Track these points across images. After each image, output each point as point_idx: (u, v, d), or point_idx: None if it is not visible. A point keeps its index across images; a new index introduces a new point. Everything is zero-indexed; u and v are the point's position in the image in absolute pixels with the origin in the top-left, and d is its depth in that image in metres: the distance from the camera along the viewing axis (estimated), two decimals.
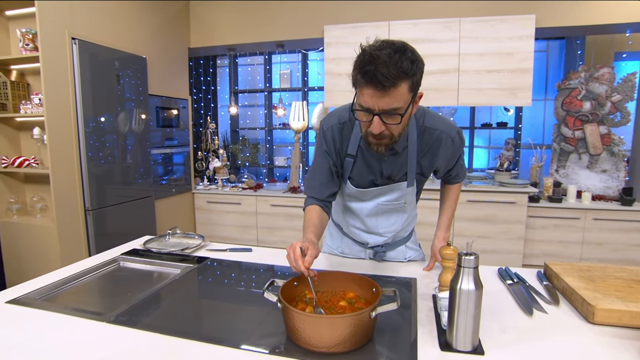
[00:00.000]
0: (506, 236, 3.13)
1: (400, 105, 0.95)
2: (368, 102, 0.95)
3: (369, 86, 0.92)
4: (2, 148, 2.64)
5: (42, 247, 2.57)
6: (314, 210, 1.20)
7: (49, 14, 2.41)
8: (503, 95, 3.11)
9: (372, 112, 0.96)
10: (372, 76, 0.90)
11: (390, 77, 0.89)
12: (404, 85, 0.93)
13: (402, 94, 0.94)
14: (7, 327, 0.93)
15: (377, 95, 0.93)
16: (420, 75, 0.98)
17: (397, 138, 1.05)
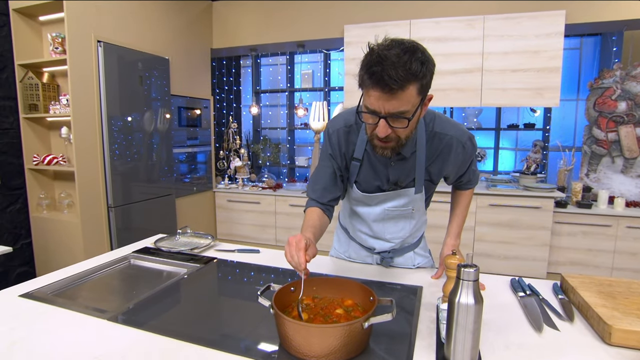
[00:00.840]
0: (530, 242, 2.99)
1: (408, 109, 0.91)
2: (374, 104, 0.91)
3: (375, 88, 0.88)
4: (34, 146, 2.77)
5: (67, 242, 2.68)
6: (314, 212, 1.18)
7: (77, 18, 2.51)
8: (529, 95, 2.97)
9: (378, 115, 0.92)
10: (379, 78, 0.86)
11: (399, 79, 0.85)
12: (412, 88, 0.88)
13: (411, 97, 0.89)
14: (15, 321, 0.97)
15: (383, 98, 0.89)
16: (430, 77, 0.92)
17: (404, 142, 1.01)
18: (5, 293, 1.14)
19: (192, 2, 3.78)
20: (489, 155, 3.84)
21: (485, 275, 1.28)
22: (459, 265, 0.78)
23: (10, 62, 2.66)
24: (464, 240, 3.14)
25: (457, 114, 3.86)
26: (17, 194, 2.76)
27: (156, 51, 3.21)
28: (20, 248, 2.81)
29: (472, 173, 1.29)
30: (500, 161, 3.87)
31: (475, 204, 3.08)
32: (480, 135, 3.89)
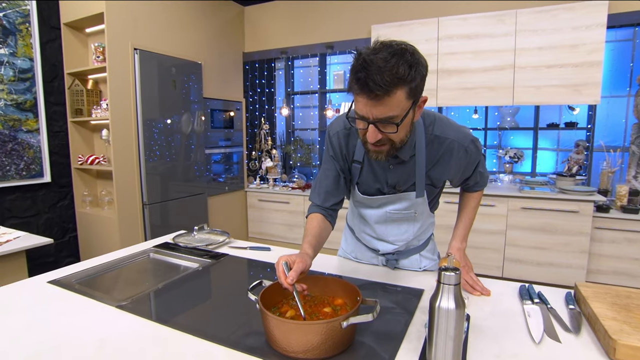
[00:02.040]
0: (566, 249, 2.79)
1: (397, 114, 0.88)
2: (362, 110, 0.90)
3: (362, 94, 0.87)
4: (79, 147, 3.02)
5: (106, 236, 2.89)
6: (315, 219, 1.17)
7: (116, 29, 2.71)
8: (565, 92, 2.78)
9: (367, 121, 0.91)
10: (364, 84, 0.84)
11: (384, 84, 0.83)
12: (400, 93, 0.86)
13: (399, 102, 0.87)
14: (38, 304, 1.07)
15: (370, 104, 0.87)
16: (421, 79, 0.90)
17: (398, 145, 0.99)
18: (36, 279, 1.26)
19: (224, 8, 3.93)
20: (526, 156, 3.64)
21: (492, 281, 1.23)
22: (440, 269, 0.77)
23: (61, 71, 2.92)
24: (493, 244, 3.00)
25: (490, 113, 3.71)
26: (65, 191, 3.02)
27: (189, 56, 3.38)
28: (68, 240, 3.07)
29: (479, 175, 1.25)
30: (539, 162, 3.65)
31: (506, 206, 2.94)
32: (517, 135, 3.70)
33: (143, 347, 0.86)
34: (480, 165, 1.23)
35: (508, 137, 3.73)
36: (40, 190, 2.84)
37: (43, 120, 2.79)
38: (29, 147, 2.75)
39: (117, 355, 0.82)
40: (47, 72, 2.82)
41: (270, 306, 0.92)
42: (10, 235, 1.93)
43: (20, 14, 2.66)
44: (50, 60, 2.85)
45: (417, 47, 0.95)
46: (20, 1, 2.65)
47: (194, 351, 0.84)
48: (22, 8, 2.67)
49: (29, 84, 2.73)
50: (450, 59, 3.14)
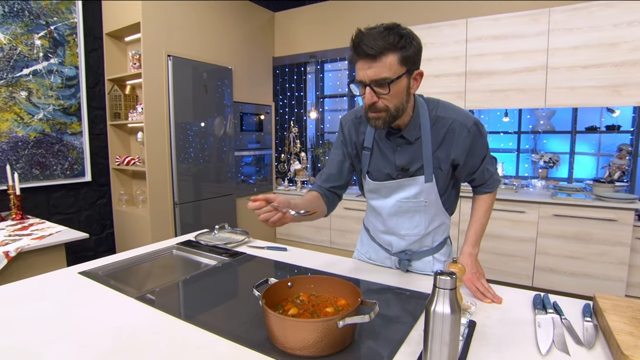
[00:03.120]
0: (603, 259, 2.63)
1: (389, 76, 0.98)
2: (359, 74, 1.01)
3: (359, 59, 1.00)
4: (117, 149, 3.22)
5: (140, 233, 3.06)
6: (311, 193, 1.27)
7: (151, 37, 2.87)
8: (604, 94, 2.62)
9: (363, 84, 1.02)
10: (358, 48, 0.97)
11: (376, 47, 0.95)
12: (392, 57, 0.97)
13: (390, 65, 0.98)
14: (68, 292, 1.16)
15: (365, 67, 0.99)
16: (414, 52, 1.01)
17: (394, 112, 1.06)
18: (69, 270, 1.37)
19: (255, 15, 4.04)
20: (563, 161, 3.46)
21: (504, 288, 1.20)
22: (435, 273, 0.76)
23: (102, 77, 3.13)
24: (523, 252, 2.88)
25: (523, 116, 3.56)
26: (104, 190, 3.22)
27: (220, 62, 3.51)
28: (106, 236, 3.28)
29: (486, 172, 1.25)
30: (577, 167, 3.46)
31: (537, 213, 2.81)
32: (553, 139, 3.53)
33: (154, 336, 0.91)
34: (487, 161, 1.24)
35: (542, 140, 3.57)
36: (81, 188, 3.06)
37: (85, 123, 3.01)
38: (73, 149, 2.97)
39: (131, 342, 0.88)
40: (90, 78, 3.04)
41: (274, 304, 0.95)
42: (53, 229, 2.10)
43: (68, 26, 2.89)
44: (93, 68, 3.07)
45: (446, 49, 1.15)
46: (69, 14, 2.88)
47: (198, 342, 0.89)
48: (70, 21, 2.89)
49: (74, 90, 2.95)
50: (479, 60, 3.06)
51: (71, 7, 2.88)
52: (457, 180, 1.31)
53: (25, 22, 2.65)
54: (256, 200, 1.01)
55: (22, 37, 2.64)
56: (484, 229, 1.28)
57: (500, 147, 3.75)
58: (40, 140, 2.77)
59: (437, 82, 3.24)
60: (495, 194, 1.32)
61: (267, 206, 1.02)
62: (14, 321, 0.98)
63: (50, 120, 2.82)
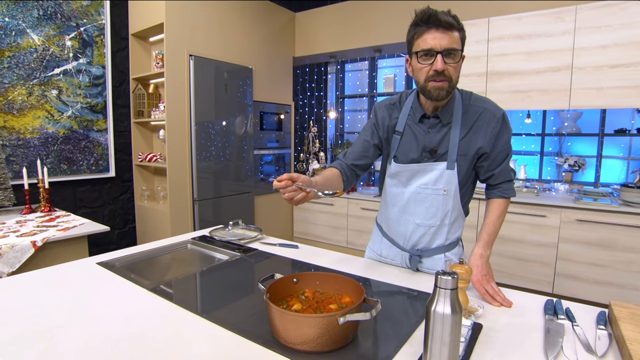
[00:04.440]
0: (629, 267, 2.51)
1: (458, 47, 1.11)
2: (431, 43, 1.09)
3: (431, 30, 1.09)
4: (140, 146, 3.33)
5: (160, 228, 3.15)
6: (330, 169, 1.33)
7: (174, 37, 2.95)
8: (633, 94, 2.50)
9: (435, 52, 1.09)
10: (435, 19, 1.08)
11: (449, 21, 1.08)
12: (456, 33, 1.11)
13: (457, 40, 1.11)
14: (85, 281, 1.22)
15: (439, 37, 1.08)
16: (465, 37, 1.15)
17: (454, 83, 1.15)
18: (88, 260, 1.43)
19: (276, 15, 4.09)
20: (589, 165, 3.33)
21: (516, 292, 1.17)
22: (437, 273, 0.76)
23: (127, 76, 3.25)
24: (543, 257, 2.80)
25: (547, 117, 3.45)
26: (127, 186, 3.34)
27: (241, 61, 3.57)
28: (128, 230, 3.39)
29: (506, 171, 1.27)
30: (604, 171, 3.32)
31: (559, 217, 2.71)
32: (579, 141, 3.41)
33: (161, 326, 0.94)
34: (509, 158, 1.27)
35: (567, 143, 3.44)
36: (106, 183, 3.18)
37: (110, 121, 3.13)
38: (98, 145, 3.09)
39: (139, 330, 0.91)
40: (115, 78, 3.16)
41: (279, 299, 0.97)
42: (77, 222, 2.19)
43: (97, 27, 3.01)
44: (119, 67, 3.18)
45: (466, 49, 1.19)
46: (97, 16, 3.00)
47: (204, 334, 0.91)
48: (99, 22, 3.01)
49: (101, 88, 3.07)
50: (501, 60, 2.98)
51: (100, 9, 3.00)
52: (476, 177, 1.32)
53: (57, 24, 2.78)
54: (281, 180, 1.04)
55: (54, 39, 2.77)
56: (496, 233, 1.27)
57: (522, 149, 3.64)
58: (68, 136, 2.90)
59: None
60: (509, 202, 1.32)
61: (292, 185, 1.05)
62: (34, 305, 1.04)
63: (78, 118, 2.95)
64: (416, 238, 1.31)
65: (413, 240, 1.32)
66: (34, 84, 2.69)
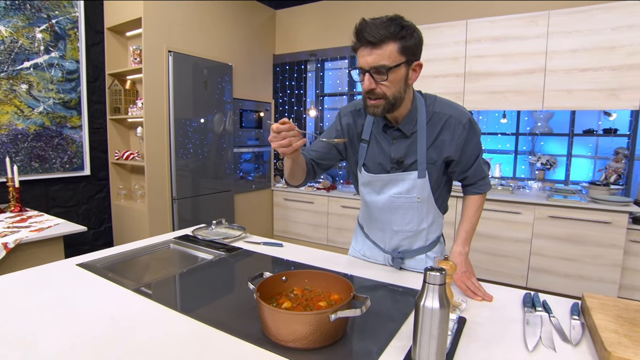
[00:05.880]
0: (597, 261, 2.65)
1: (387, 63, 1.02)
2: (360, 61, 1.06)
3: (360, 47, 1.05)
4: (116, 143, 3.23)
5: (137, 227, 3.07)
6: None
7: (152, 33, 2.88)
8: (601, 97, 2.64)
9: (363, 70, 1.06)
10: (361, 35, 1.03)
11: (377, 35, 1.00)
12: (392, 46, 1.02)
13: (390, 53, 1.02)
14: (65, 282, 1.18)
15: (366, 53, 1.03)
16: (414, 43, 1.05)
17: (391, 100, 1.09)
18: (67, 261, 1.38)
19: (257, 12, 4.05)
20: (560, 164, 3.48)
21: (496, 287, 1.21)
22: (425, 269, 0.78)
23: (103, 72, 3.14)
24: (518, 252, 2.91)
25: (521, 118, 3.58)
26: (103, 184, 3.24)
27: (221, 58, 3.52)
28: (104, 230, 3.29)
29: (478, 171, 1.27)
30: (574, 170, 3.49)
31: (532, 214, 2.83)
32: (551, 141, 3.56)
33: (150, 327, 0.93)
34: (481, 160, 1.26)
35: (540, 143, 3.59)
36: (80, 182, 3.07)
37: (85, 117, 3.02)
38: (72, 142, 2.97)
39: (127, 332, 0.90)
40: (90, 73, 3.05)
41: (268, 297, 0.97)
42: (51, 222, 2.11)
43: (70, 20, 2.89)
44: (93, 62, 3.07)
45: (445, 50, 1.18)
46: (70, 8, 2.88)
47: (194, 333, 0.91)
48: (72, 15, 2.90)
49: (75, 84, 2.96)
50: (478, 62, 3.07)
51: (73, 1, 2.89)
52: (450, 178, 1.33)
53: (26, 15, 2.66)
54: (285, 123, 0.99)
55: (23, 30, 2.65)
56: (474, 229, 1.30)
57: (498, 148, 3.77)
58: (40, 133, 2.78)
59: (436, 82, 3.25)
60: (485, 196, 1.34)
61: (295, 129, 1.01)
62: (13, 310, 1.00)
63: (50, 114, 2.83)
64: (396, 242, 1.33)
65: (393, 244, 1.34)
66: (1, 78, 2.57)
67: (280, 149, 1.01)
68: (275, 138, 1.00)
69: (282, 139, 1.00)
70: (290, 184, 1.28)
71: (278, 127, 0.99)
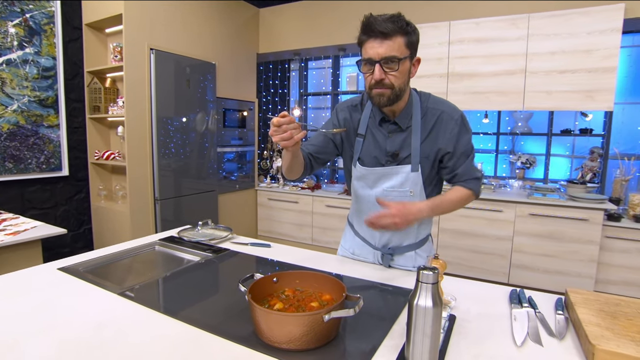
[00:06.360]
0: (575, 257, 2.74)
1: (398, 55, 1.09)
2: (370, 52, 1.10)
3: (370, 39, 1.09)
4: (96, 143, 3.14)
5: (119, 229, 3.00)
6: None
7: (133, 30, 2.81)
8: (578, 98, 2.74)
9: (373, 61, 1.09)
10: (372, 28, 1.07)
11: (387, 28, 1.06)
12: (400, 39, 1.08)
13: (399, 46, 1.09)
14: (47, 288, 1.14)
15: (376, 46, 1.08)
16: (416, 39, 1.13)
17: (397, 91, 1.14)
18: (48, 265, 1.33)
19: (240, 10, 4.01)
20: (539, 163, 3.58)
21: (485, 284, 1.24)
22: (419, 268, 0.79)
23: (81, 69, 3.05)
24: (500, 250, 2.98)
25: (502, 117, 3.66)
26: (82, 185, 3.14)
27: (204, 57, 3.46)
28: (83, 232, 3.19)
29: (470, 169, 1.25)
30: (552, 169, 3.59)
31: (514, 212, 2.91)
32: (530, 140, 3.65)
33: (137, 331, 0.91)
34: (471, 159, 1.26)
35: (520, 142, 3.68)
36: (58, 183, 2.97)
37: (63, 116, 2.92)
38: (49, 142, 2.87)
39: (113, 337, 0.87)
40: (68, 70, 2.95)
41: (260, 299, 0.96)
42: (28, 224, 2.03)
43: (45, 14, 2.79)
44: (71, 59, 2.98)
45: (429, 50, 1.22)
46: (45, 2, 2.78)
47: (183, 336, 0.89)
48: (48, 9, 2.80)
49: (51, 81, 2.86)
50: (461, 62, 3.13)
51: None
52: (441, 179, 1.34)
53: None
54: (285, 116, 0.99)
55: None
56: (442, 207, 1.22)
57: (480, 147, 3.85)
58: (14, 132, 2.68)
59: (420, 82, 3.29)
60: (471, 196, 1.28)
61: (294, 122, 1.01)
62: None
63: (25, 112, 2.72)
64: (386, 238, 1.35)
65: (384, 239, 1.35)
66: None
67: (281, 142, 1.01)
68: (276, 132, 1.00)
69: (283, 132, 1.00)
70: (288, 178, 1.30)
71: (279, 121, 0.99)
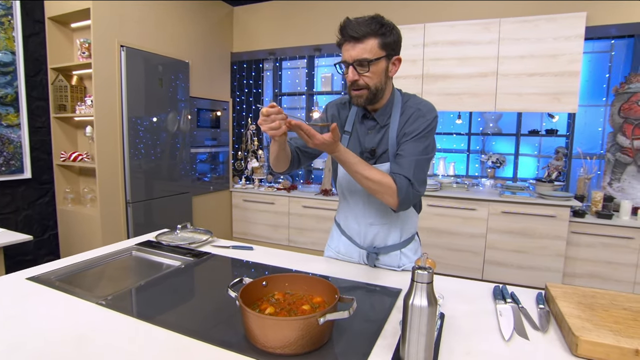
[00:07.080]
0: (544, 252, 2.88)
1: (369, 57, 1.12)
2: (345, 55, 1.15)
3: (345, 42, 1.14)
4: (62, 144, 2.97)
5: (88, 234, 2.85)
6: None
7: (102, 25, 2.68)
8: (545, 100, 2.88)
9: (347, 63, 1.14)
10: (345, 31, 1.12)
11: (359, 31, 1.10)
12: (372, 41, 1.11)
13: (372, 48, 1.11)
14: (16, 300, 1.06)
15: (349, 48, 1.13)
16: (394, 40, 1.15)
17: (373, 90, 1.17)
18: (15, 275, 1.24)
19: (213, 8, 3.92)
20: (508, 162, 3.73)
21: (469, 282, 1.27)
22: (413, 268, 0.79)
23: (44, 66, 2.87)
24: (474, 247, 3.08)
25: (474, 118, 3.79)
26: (46, 188, 2.96)
27: (177, 55, 3.36)
28: (48, 238, 3.01)
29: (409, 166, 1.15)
30: (521, 168, 3.75)
31: (487, 210, 3.01)
32: (500, 140, 3.79)
33: (122, 343, 0.86)
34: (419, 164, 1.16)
35: (490, 142, 3.82)
36: (20, 186, 2.79)
37: (24, 115, 2.74)
38: (9, 142, 2.69)
39: (96, 351, 0.82)
40: (29, 66, 2.78)
41: (250, 303, 0.94)
42: None
43: (2, 6, 2.61)
44: (33, 55, 2.80)
45: (404, 52, 1.19)
46: None
47: (170, 345, 0.85)
48: (5, 1, 2.62)
49: (10, 77, 2.68)
50: (436, 64, 3.21)
51: None
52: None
53: None
54: (274, 106, 0.98)
55: None
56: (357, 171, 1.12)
57: (453, 147, 3.96)
58: None
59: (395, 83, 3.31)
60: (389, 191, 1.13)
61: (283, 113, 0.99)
62: None
63: None
64: (371, 236, 1.36)
65: (369, 238, 1.36)
66: None
67: (270, 131, 1.00)
68: (265, 121, 1.00)
69: (271, 121, 0.99)
70: (275, 170, 1.30)
71: (268, 111, 0.99)
